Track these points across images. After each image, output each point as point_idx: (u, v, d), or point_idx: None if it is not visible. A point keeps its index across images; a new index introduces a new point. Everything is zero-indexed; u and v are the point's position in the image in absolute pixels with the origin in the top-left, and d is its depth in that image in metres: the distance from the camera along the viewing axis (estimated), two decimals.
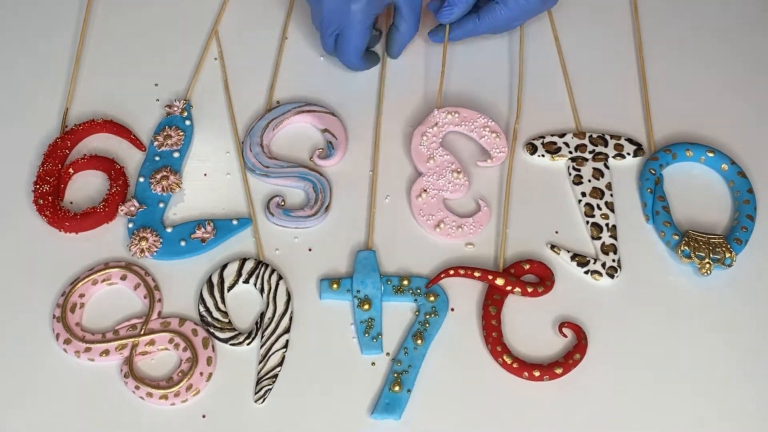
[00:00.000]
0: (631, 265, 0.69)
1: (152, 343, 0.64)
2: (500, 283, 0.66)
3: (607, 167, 0.73)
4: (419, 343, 0.64)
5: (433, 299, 0.66)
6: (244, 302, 0.66)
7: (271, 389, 0.62)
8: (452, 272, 0.67)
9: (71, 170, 0.71)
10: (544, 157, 0.74)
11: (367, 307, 0.65)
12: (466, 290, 0.67)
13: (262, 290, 0.66)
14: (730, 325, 0.67)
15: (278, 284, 0.66)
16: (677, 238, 0.69)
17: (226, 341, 0.64)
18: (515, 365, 0.63)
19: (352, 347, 0.64)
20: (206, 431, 0.61)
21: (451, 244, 0.69)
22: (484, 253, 0.69)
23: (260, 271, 0.67)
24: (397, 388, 0.62)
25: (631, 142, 0.74)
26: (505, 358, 0.63)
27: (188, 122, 0.74)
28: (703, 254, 0.68)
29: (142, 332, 0.64)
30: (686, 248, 0.68)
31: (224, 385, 0.63)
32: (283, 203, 0.70)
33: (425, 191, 0.70)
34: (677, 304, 0.67)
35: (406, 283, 0.66)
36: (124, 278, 0.66)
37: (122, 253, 0.68)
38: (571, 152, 0.74)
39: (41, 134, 0.73)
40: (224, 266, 0.67)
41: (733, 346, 0.66)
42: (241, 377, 0.63)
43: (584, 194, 0.72)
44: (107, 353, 0.63)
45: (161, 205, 0.69)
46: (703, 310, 0.67)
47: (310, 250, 0.69)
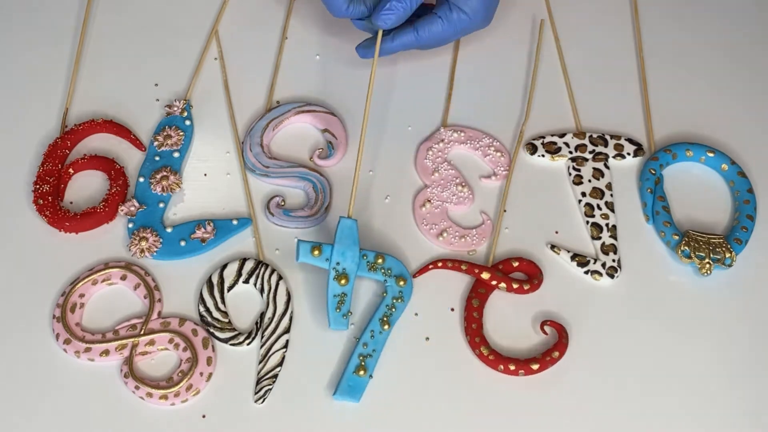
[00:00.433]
0: (631, 265, 0.69)
1: (152, 343, 0.64)
2: (486, 277, 0.66)
3: (607, 167, 0.73)
4: (385, 328, 0.64)
5: (402, 284, 0.65)
6: (244, 302, 0.66)
7: (271, 389, 0.62)
8: (440, 264, 0.67)
9: (71, 170, 0.71)
10: (544, 157, 0.74)
11: (343, 282, 0.64)
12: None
13: (262, 290, 0.66)
14: (730, 325, 0.67)
15: (278, 284, 0.66)
16: (677, 238, 0.69)
17: (226, 341, 0.64)
18: (491, 357, 0.63)
19: (351, 347, 0.64)
20: (206, 431, 0.61)
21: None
22: (478, 249, 0.69)
23: (260, 271, 0.67)
24: (361, 372, 0.62)
25: (631, 142, 0.74)
26: (482, 349, 0.63)
27: (188, 122, 0.74)
28: (703, 254, 0.68)
29: (142, 332, 0.64)
30: (686, 248, 0.68)
31: (224, 385, 0.63)
32: (283, 203, 0.70)
33: (429, 201, 0.70)
34: (677, 304, 0.67)
35: (380, 261, 0.65)
36: (124, 278, 0.66)
37: (122, 253, 0.68)
38: (571, 152, 0.74)
39: (41, 134, 0.73)
40: (224, 266, 0.67)
41: (733, 346, 0.66)
42: (241, 377, 0.63)
43: (584, 194, 0.72)
44: (107, 353, 0.63)
45: (161, 205, 0.69)
46: (703, 310, 0.67)
47: None
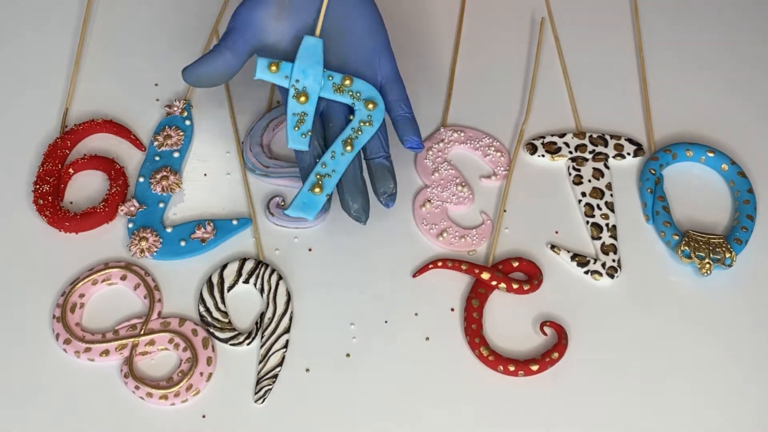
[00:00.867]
0: (631, 265, 0.69)
1: (152, 343, 0.64)
2: (486, 277, 0.66)
3: (607, 167, 0.73)
4: (348, 149, 0.62)
5: (371, 107, 0.63)
6: (244, 302, 0.66)
7: (271, 389, 0.62)
8: (440, 264, 0.67)
9: (71, 170, 0.71)
10: (544, 157, 0.74)
11: (303, 99, 0.62)
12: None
13: (262, 290, 0.66)
14: (730, 325, 0.67)
15: (278, 284, 0.66)
16: (677, 238, 0.69)
17: (226, 341, 0.64)
18: (491, 358, 0.63)
19: (351, 347, 0.64)
20: (206, 431, 0.61)
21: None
22: (478, 249, 0.69)
23: (260, 271, 0.67)
24: (317, 190, 0.62)
25: (631, 142, 0.74)
26: (482, 350, 0.63)
27: (188, 122, 0.74)
28: (703, 254, 0.68)
29: (142, 332, 0.64)
30: (686, 248, 0.68)
31: (224, 385, 0.63)
32: (283, 203, 0.70)
33: (429, 201, 0.70)
34: (677, 304, 0.67)
35: (348, 83, 0.63)
36: (124, 278, 0.66)
37: (122, 253, 0.68)
38: (571, 152, 0.74)
39: (41, 134, 0.73)
40: (224, 266, 0.67)
41: (733, 346, 0.66)
42: (241, 377, 0.63)
43: (584, 194, 0.72)
44: (107, 353, 0.63)
45: (161, 205, 0.69)
46: (703, 310, 0.67)
47: (310, 250, 0.69)
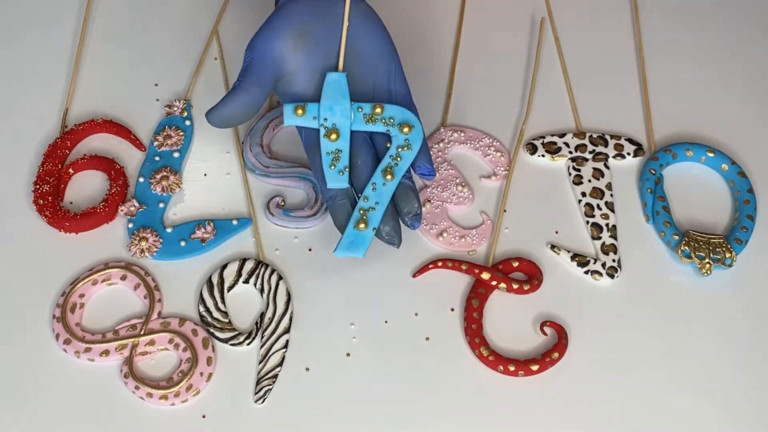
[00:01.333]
0: (631, 265, 0.69)
1: (152, 343, 0.64)
2: (486, 277, 0.66)
3: (607, 167, 0.73)
4: (389, 178, 0.61)
5: (407, 131, 0.62)
6: (244, 302, 0.66)
7: (271, 389, 0.62)
8: (440, 263, 0.67)
9: (71, 170, 0.71)
10: (544, 157, 0.74)
11: (334, 137, 0.61)
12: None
13: (262, 290, 0.66)
14: (730, 325, 0.67)
15: (278, 284, 0.66)
16: (677, 238, 0.69)
17: (226, 341, 0.64)
18: (491, 358, 0.63)
19: (351, 347, 0.64)
20: (206, 431, 0.61)
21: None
22: (478, 249, 0.69)
23: (260, 271, 0.67)
24: (362, 225, 0.60)
25: (631, 142, 0.74)
26: (482, 350, 0.63)
27: (188, 122, 0.74)
28: (703, 254, 0.68)
29: (142, 332, 0.64)
30: (686, 248, 0.68)
31: (224, 385, 0.63)
32: (283, 203, 0.70)
33: (429, 201, 0.70)
34: (677, 304, 0.67)
35: (379, 111, 0.62)
36: (124, 278, 0.66)
37: (122, 253, 0.68)
38: (571, 152, 0.74)
39: (41, 134, 0.73)
40: (224, 266, 0.67)
41: (733, 346, 0.66)
42: (241, 377, 0.63)
43: (584, 194, 0.72)
44: (107, 353, 0.63)
45: (161, 205, 0.69)
46: (703, 310, 0.67)
47: (310, 250, 0.69)
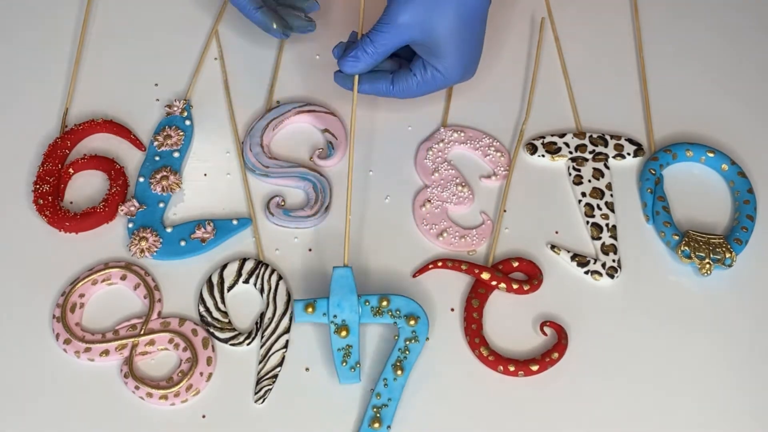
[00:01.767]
0: (631, 265, 0.69)
1: (152, 343, 0.64)
2: (486, 277, 0.66)
3: (607, 167, 0.73)
4: (399, 374, 0.61)
5: (413, 323, 0.63)
6: (244, 302, 0.66)
7: (271, 389, 0.62)
8: (440, 264, 0.67)
9: (71, 170, 0.71)
10: (544, 157, 0.74)
11: (344, 333, 0.61)
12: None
13: (262, 290, 0.66)
14: (730, 325, 0.67)
15: (278, 284, 0.66)
16: (677, 238, 0.68)
17: (226, 341, 0.64)
18: (491, 358, 0.63)
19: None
20: (206, 431, 0.61)
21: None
22: (478, 249, 0.69)
23: (260, 271, 0.67)
24: (376, 425, 0.59)
25: (631, 142, 0.74)
26: (482, 350, 0.63)
27: (188, 122, 0.74)
28: (703, 254, 0.68)
29: (142, 332, 0.64)
30: (686, 248, 0.68)
31: (224, 385, 0.63)
32: (283, 203, 0.70)
33: (429, 201, 0.70)
34: (677, 304, 0.67)
35: (385, 303, 0.63)
36: (124, 278, 0.66)
37: (122, 253, 0.68)
38: (571, 152, 0.74)
39: (41, 134, 0.73)
40: (224, 266, 0.67)
41: (733, 346, 0.66)
42: (241, 377, 0.63)
43: (584, 194, 0.72)
44: (107, 353, 0.63)
45: (161, 205, 0.69)
46: (703, 310, 0.67)
47: (310, 250, 0.69)
